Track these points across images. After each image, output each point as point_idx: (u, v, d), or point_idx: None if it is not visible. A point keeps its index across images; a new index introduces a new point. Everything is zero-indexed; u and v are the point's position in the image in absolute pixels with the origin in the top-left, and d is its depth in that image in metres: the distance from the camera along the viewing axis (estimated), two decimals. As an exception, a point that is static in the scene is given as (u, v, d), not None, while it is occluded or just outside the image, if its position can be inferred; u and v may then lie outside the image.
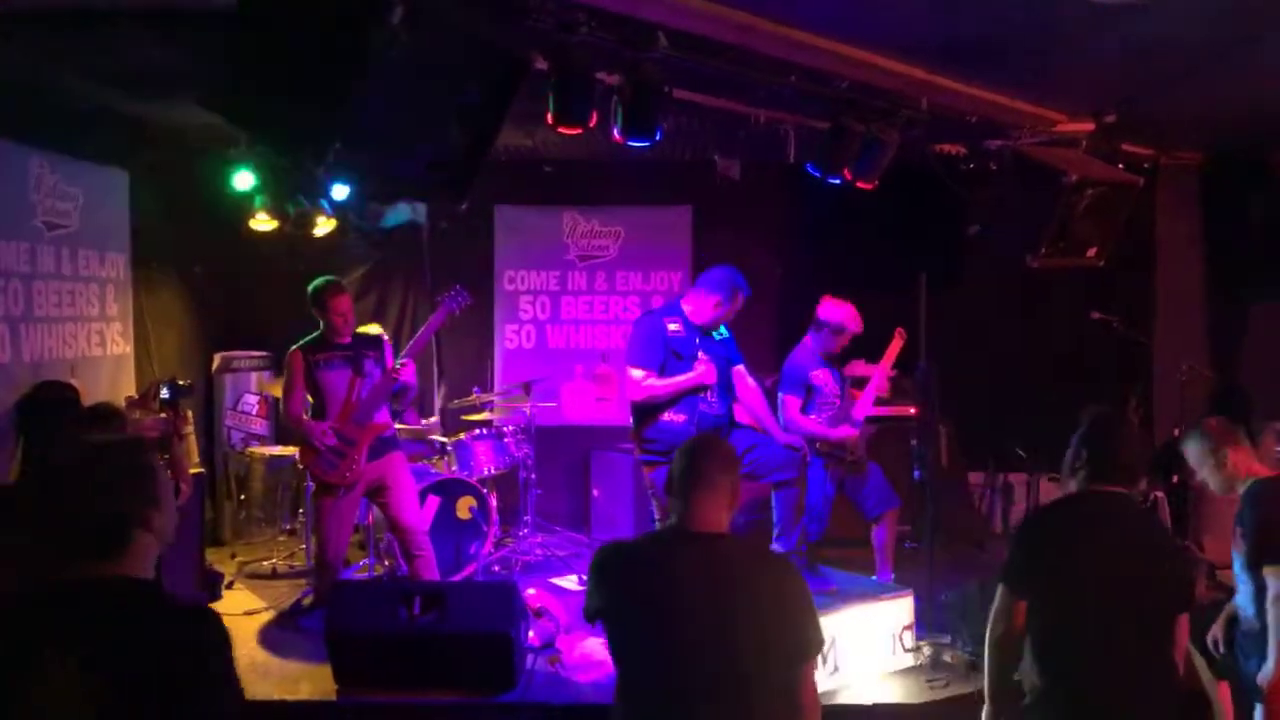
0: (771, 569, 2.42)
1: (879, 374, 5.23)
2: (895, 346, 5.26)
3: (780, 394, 5.19)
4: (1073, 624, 2.65)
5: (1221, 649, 3.64)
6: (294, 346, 4.86)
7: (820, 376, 5.17)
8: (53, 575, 1.85)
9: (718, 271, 4.68)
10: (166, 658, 1.78)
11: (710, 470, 2.38)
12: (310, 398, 4.88)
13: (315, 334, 4.88)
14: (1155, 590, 2.68)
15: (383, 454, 4.89)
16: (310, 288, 4.88)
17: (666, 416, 4.49)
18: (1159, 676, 2.68)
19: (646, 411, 4.53)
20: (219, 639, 1.85)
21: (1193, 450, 3.57)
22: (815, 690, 2.35)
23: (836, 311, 5.13)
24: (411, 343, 5.12)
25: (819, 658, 2.37)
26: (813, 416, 5.12)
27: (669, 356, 4.53)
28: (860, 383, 5.31)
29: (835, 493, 5.14)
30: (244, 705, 1.91)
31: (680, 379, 4.48)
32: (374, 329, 6.40)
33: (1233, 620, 3.64)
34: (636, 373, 4.51)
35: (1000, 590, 2.76)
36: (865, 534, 5.27)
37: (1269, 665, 3.26)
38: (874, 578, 5.00)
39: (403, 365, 4.86)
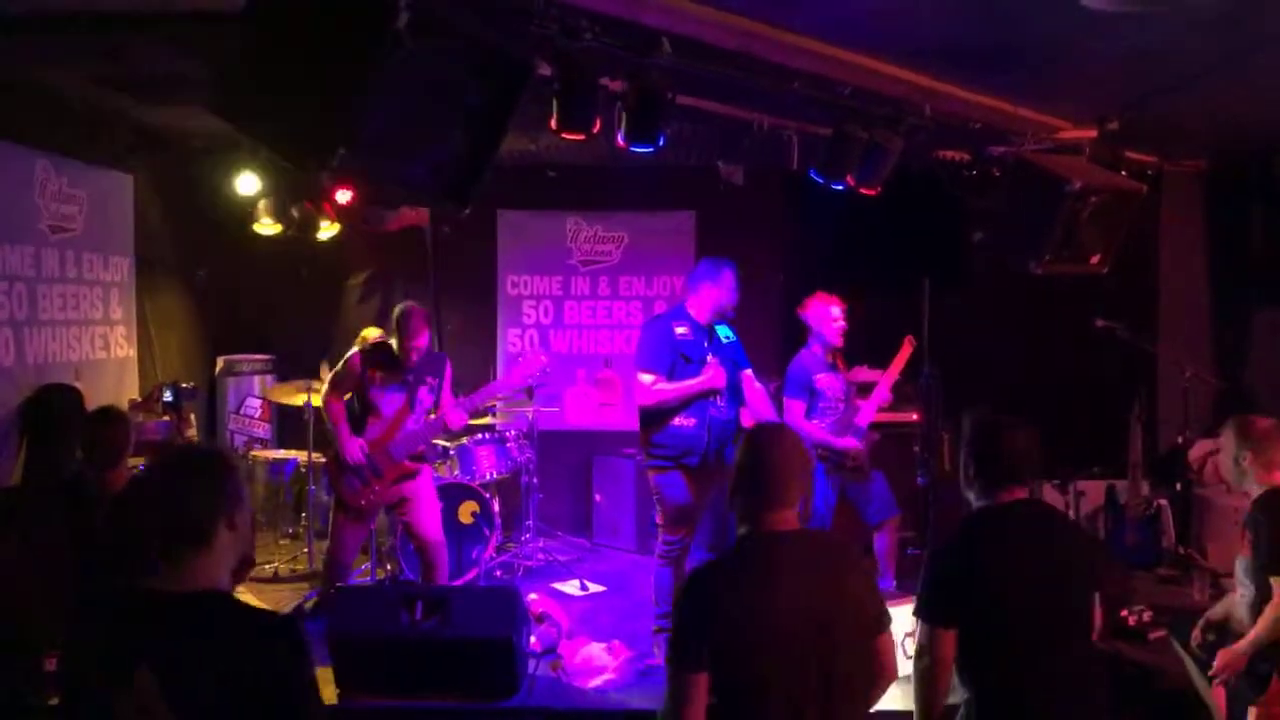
0: (849, 556, 2.47)
1: (885, 382, 5.23)
2: (904, 354, 5.25)
3: (784, 398, 5.19)
4: (995, 643, 2.60)
5: (1201, 653, 3.65)
6: (356, 349, 4.88)
7: (824, 380, 5.17)
8: (136, 579, 1.90)
9: (701, 264, 4.75)
10: (248, 670, 1.81)
11: (787, 469, 2.37)
12: (357, 404, 4.87)
13: (385, 346, 4.89)
14: (1070, 595, 2.65)
15: (408, 479, 4.92)
16: (397, 311, 4.88)
17: (677, 421, 4.49)
18: (1087, 685, 2.66)
19: (656, 416, 4.52)
20: (299, 650, 1.89)
21: (1224, 440, 3.56)
22: (893, 653, 2.45)
23: (814, 305, 5.16)
24: (475, 393, 5.14)
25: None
26: (816, 421, 5.12)
27: (677, 360, 4.52)
28: (866, 389, 5.31)
29: (837, 499, 5.14)
30: (325, 713, 1.94)
31: (690, 383, 4.47)
32: (374, 332, 6.41)
33: (1217, 625, 3.65)
34: (646, 377, 4.50)
35: (920, 626, 2.66)
36: (868, 540, 5.27)
37: (1233, 650, 3.31)
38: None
39: (453, 411, 4.88)
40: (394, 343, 4.86)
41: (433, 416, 4.92)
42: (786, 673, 2.23)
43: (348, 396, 4.90)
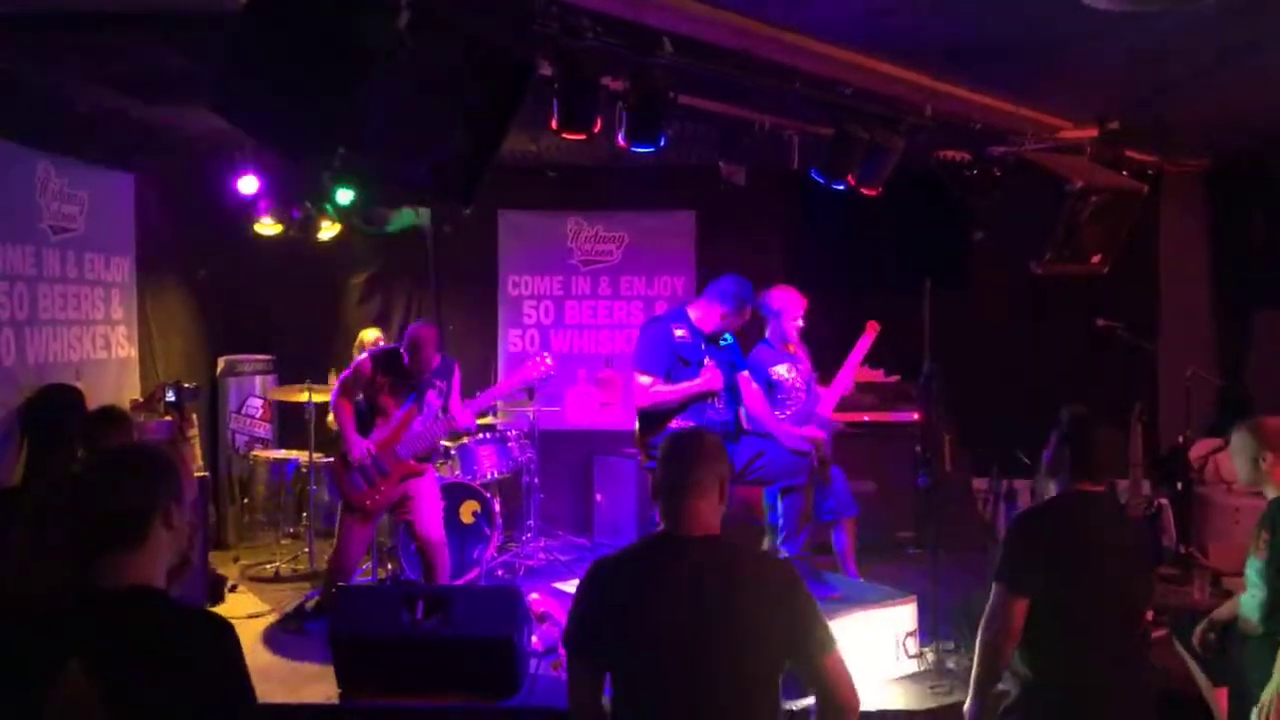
0: (762, 570, 2.36)
1: (846, 367, 5.16)
2: (867, 339, 5.17)
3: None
4: (1064, 621, 2.72)
5: (1203, 652, 3.66)
6: (372, 351, 4.94)
7: (780, 372, 5.14)
8: (71, 575, 1.87)
9: (727, 282, 4.68)
10: (180, 667, 1.79)
11: (695, 471, 2.31)
12: (364, 403, 4.91)
13: (393, 349, 4.94)
14: (1133, 585, 2.81)
15: (412, 478, 4.94)
16: (412, 333, 4.88)
17: (674, 423, 4.49)
18: (1140, 668, 2.81)
19: (653, 418, 4.52)
20: (232, 646, 1.87)
21: (1239, 440, 3.55)
22: (849, 681, 2.28)
23: (778, 296, 5.11)
24: (482, 394, 5.16)
25: (839, 649, 2.31)
26: (777, 413, 5.07)
27: (675, 363, 4.52)
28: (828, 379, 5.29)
29: (802, 508, 5.09)
30: (258, 711, 1.92)
31: (687, 385, 4.47)
32: (372, 334, 6.41)
33: (1221, 626, 3.65)
34: (644, 379, 4.51)
35: (996, 589, 2.77)
36: (869, 541, 5.26)
37: (1274, 682, 3.25)
38: (879, 584, 4.99)
39: (462, 411, 4.92)
40: (406, 356, 4.87)
41: (440, 417, 4.93)
42: (657, 676, 2.19)
43: (358, 398, 4.94)
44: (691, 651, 2.17)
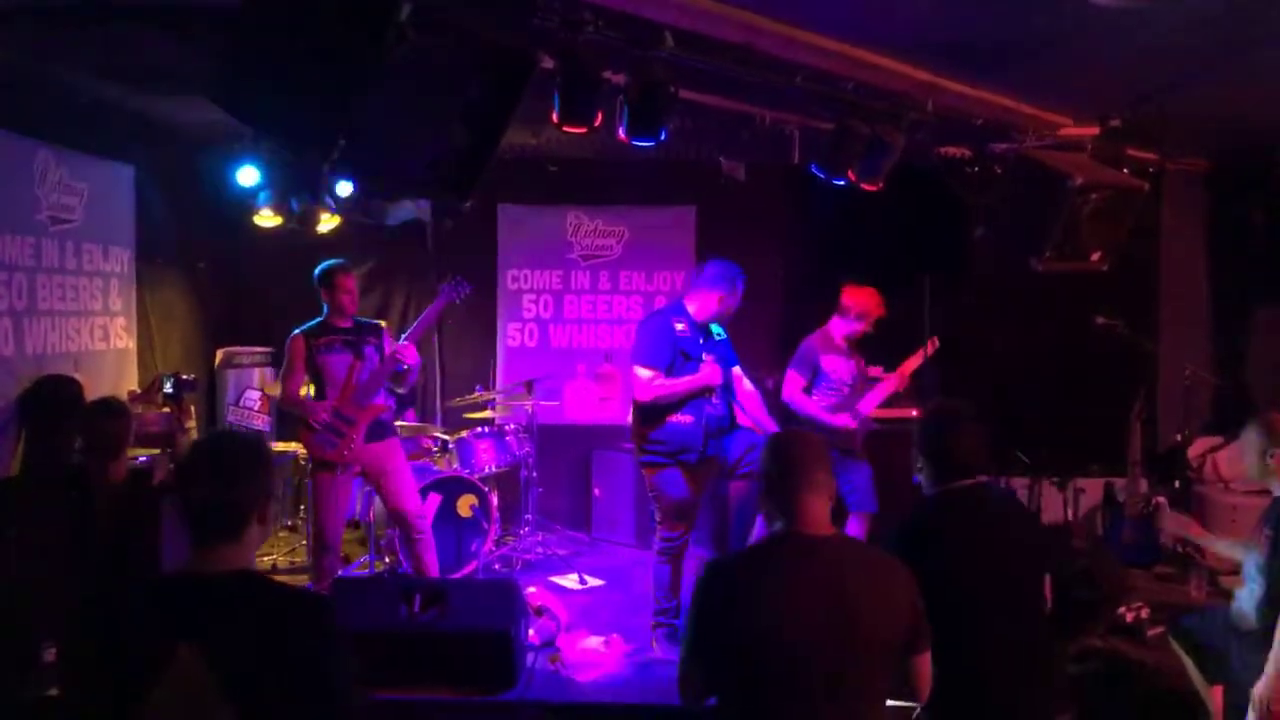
0: (887, 566, 2.39)
1: (899, 374, 5.21)
2: (927, 349, 5.21)
3: (788, 369, 5.19)
4: (953, 634, 2.61)
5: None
6: (296, 331, 4.91)
7: (830, 362, 5.16)
8: (186, 566, 1.98)
9: (714, 266, 4.68)
10: (286, 643, 1.89)
11: (815, 472, 2.35)
12: (311, 381, 4.94)
13: (317, 320, 4.94)
14: (1021, 565, 2.76)
15: (381, 438, 4.94)
16: (319, 268, 4.94)
17: (675, 418, 4.48)
18: (1043, 649, 2.77)
19: (653, 412, 4.51)
20: (333, 624, 1.97)
21: (1250, 435, 3.54)
22: (929, 676, 2.41)
23: (857, 296, 5.15)
24: (413, 326, 5.15)
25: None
26: (816, 399, 5.10)
27: (677, 357, 4.52)
28: (874, 381, 5.30)
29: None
30: (358, 689, 1.99)
31: (689, 379, 4.47)
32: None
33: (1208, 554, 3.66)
34: (645, 373, 4.49)
35: None
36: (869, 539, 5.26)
37: (1265, 678, 3.25)
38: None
39: (403, 347, 4.89)
40: (325, 304, 4.91)
41: (383, 362, 4.93)
42: (791, 674, 2.22)
43: (304, 387, 4.96)
44: (833, 650, 2.21)
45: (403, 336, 5.02)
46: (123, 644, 1.87)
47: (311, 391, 4.98)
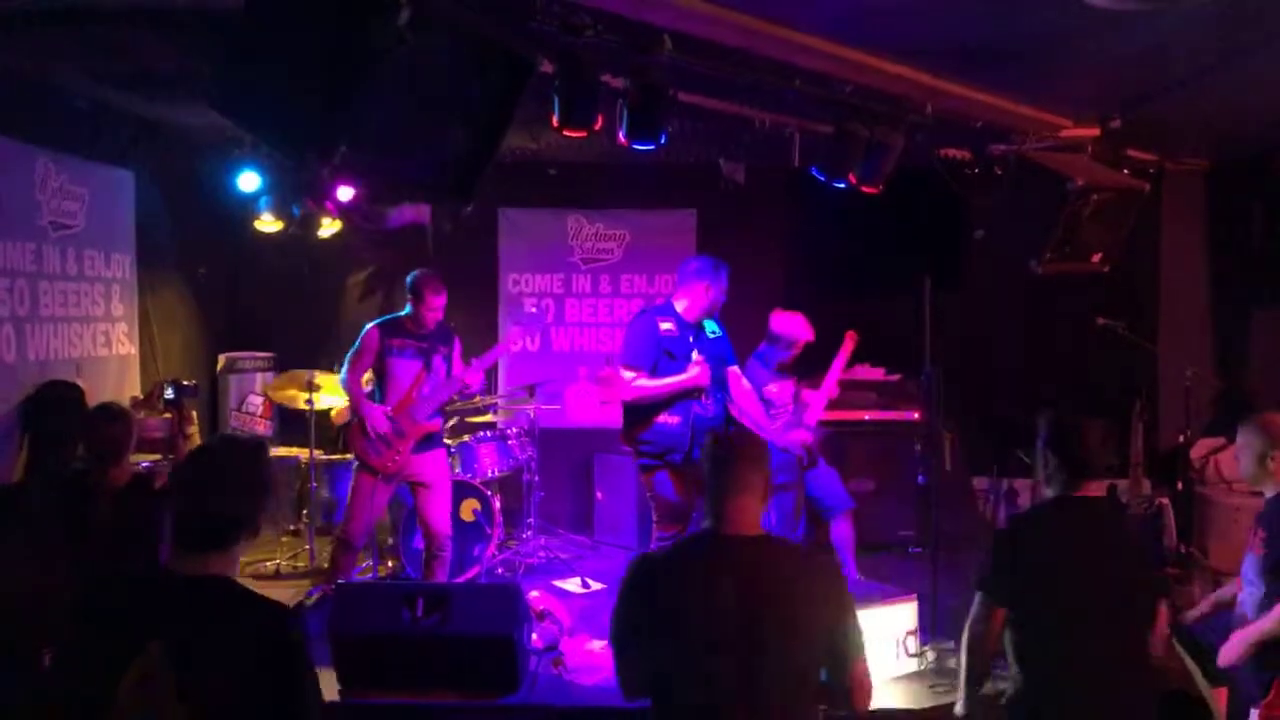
0: (809, 567, 2.38)
1: (830, 377, 5.21)
2: (846, 349, 5.21)
3: None
4: (1049, 632, 2.71)
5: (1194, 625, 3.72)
6: (372, 323, 4.94)
7: (772, 390, 5.17)
8: (167, 566, 2.01)
9: (695, 263, 4.71)
10: (252, 651, 1.89)
11: (741, 470, 2.35)
12: (373, 376, 4.95)
13: (397, 315, 4.97)
14: (1130, 596, 2.76)
15: (428, 449, 4.97)
16: (413, 276, 4.94)
17: (661, 418, 4.49)
18: (1134, 681, 2.75)
19: (640, 413, 4.52)
20: (301, 637, 1.98)
21: (1246, 437, 3.54)
22: (870, 690, 2.37)
23: (788, 324, 5.15)
24: (488, 351, 5.18)
25: (865, 656, 2.37)
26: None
27: (661, 356, 4.52)
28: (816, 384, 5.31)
29: (794, 506, 5.12)
30: (321, 701, 2.01)
31: (673, 380, 4.46)
32: None
33: (1222, 605, 3.68)
34: (628, 373, 4.51)
35: (978, 597, 2.80)
36: (869, 539, 5.26)
37: (1237, 638, 3.30)
38: (879, 583, 4.99)
39: (472, 371, 4.93)
40: (409, 309, 4.93)
41: (447, 380, 4.97)
42: (706, 675, 2.22)
43: (366, 377, 4.96)
44: (741, 651, 2.19)
45: (474, 358, 5.03)
46: (98, 637, 1.89)
47: (372, 383, 4.98)
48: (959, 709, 2.91)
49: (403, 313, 4.97)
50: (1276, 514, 3.36)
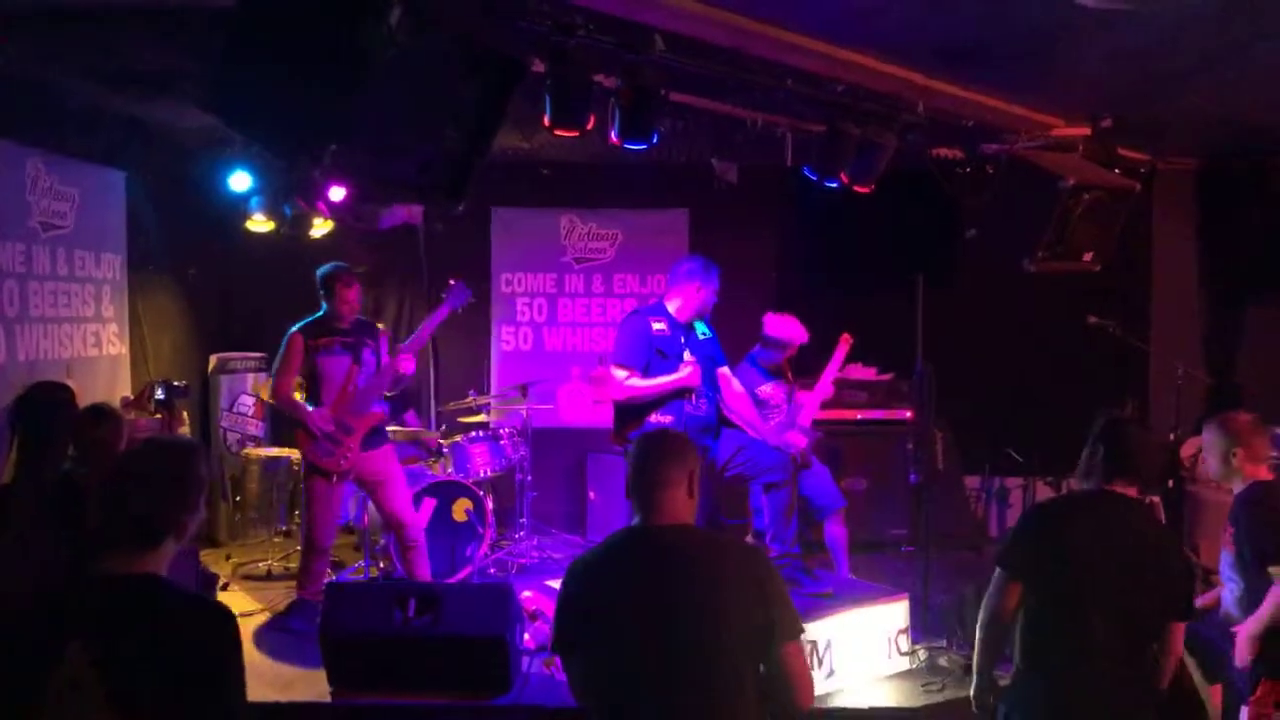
0: (728, 554, 2.36)
1: (825, 378, 5.22)
2: (841, 351, 5.23)
3: None
4: (1057, 613, 2.72)
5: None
6: (294, 327, 4.88)
7: (765, 390, 5.18)
8: (92, 565, 1.97)
9: (686, 264, 4.70)
10: (176, 649, 1.86)
11: (660, 469, 2.35)
12: (304, 381, 4.91)
13: (316, 316, 4.91)
14: (1149, 594, 2.73)
15: (375, 445, 4.93)
16: (321, 271, 4.91)
17: (653, 418, 4.48)
18: (1138, 680, 2.74)
19: (631, 412, 4.52)
20: (229, 634, 1.94)
21: (1210, 436, 3.59)
22: (807, 676, 2.32)
23: (781, 327, 5.15)
24: (412, 336, 5.11)
25: (801, 641, 2.32)
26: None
27: (653, 356, 4.52)
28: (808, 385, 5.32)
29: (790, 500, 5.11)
30: (245, 703, 1.97)
31: (664, 380, 4.46)
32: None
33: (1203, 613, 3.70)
34: (620, 372, 4.51)
35: (997, 571, 2.83)
36: (861, 538, 5.27)
37: (1245, 631, 3.31)
38: (871, 582, 5.00)
39: (400, 357, 4.87)
40: (324, 307, 4.88)
41: (379, 370, 4.90)
42: (634, 668, 2.22)
43: (296, 382, 4.92)
44: (663, 639, 2.20)
45: (400, 346, 5.00)
46: (16, 639, 1.86)
47: (302, 395, 4.95)
48: (973, 692, 2.91)
49: (319, 313, 4.90)
50: (1243, 510, 3.39)
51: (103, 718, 1.78)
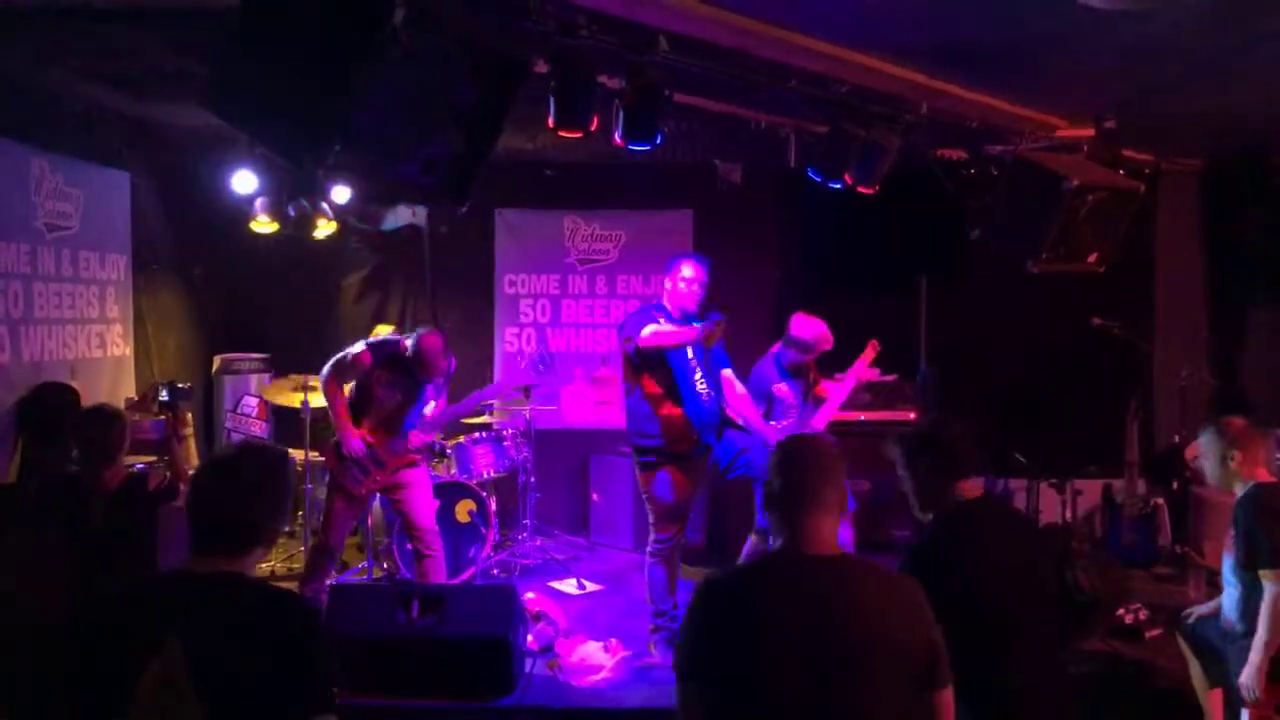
0: (895, 595, 2.14)
1: (846, 382, 5.16)
2: (867, 356, 5.17)
3: None
4: (970, 629, 2.55)
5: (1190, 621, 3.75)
6: (372, 341, 4.85)
7: (782, 389, 5.16)
8: (184, 565, 2.02)
9: (672, 262, 4.70)
10: (268, 643, 1.90)
11: (818, 488, 2.15)
12: (356, 392, 4.85)
13: (398, 346, 4.82)
14: (1034, 574, 2.75)
15: (408, 465, 4.91)
16: (414, 341, 4.76)
17: (665, 410, 4.49)
18: (1059, 665, 2.75)
19: (643, 409, 4.52)
20: (316, 627, 2.01)
21: (1206, 441, 3.58)
22: (952, 712, 2.17)
23: (808, 329, 5.10)
24: (435, 415, 5.01)
25: (951, 687, 2.16)
26: (774, 424, 5.08)
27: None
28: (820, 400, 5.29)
29: None
30: (335, 695, 2.01)
31: (681, 330, 4.44)
32: (387, 329, 6.38)
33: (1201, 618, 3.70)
34: (648, 330, 4.46)
35: None
36: (864, 539, 5.26)
37: (1249, 665, 3.28)
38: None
39: (419, 437, 4.85)
40: (415, 366, 4.79)
41: (428, 413, 4.90)
42: (782, 708, 2.01)
43: (348, 387, 4.87)
44: (820, 682, 2.00)
45: (426, 421, 4.93)
46: (111, 637, 1.89)
47: (354, 398, 4.87)
48: None
49: (408, 353, 4.78)
50: (1243, 512, 3.38)
51: (193, 714, 1.81)
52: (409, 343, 4.79)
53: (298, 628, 1.96)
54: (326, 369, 4.81)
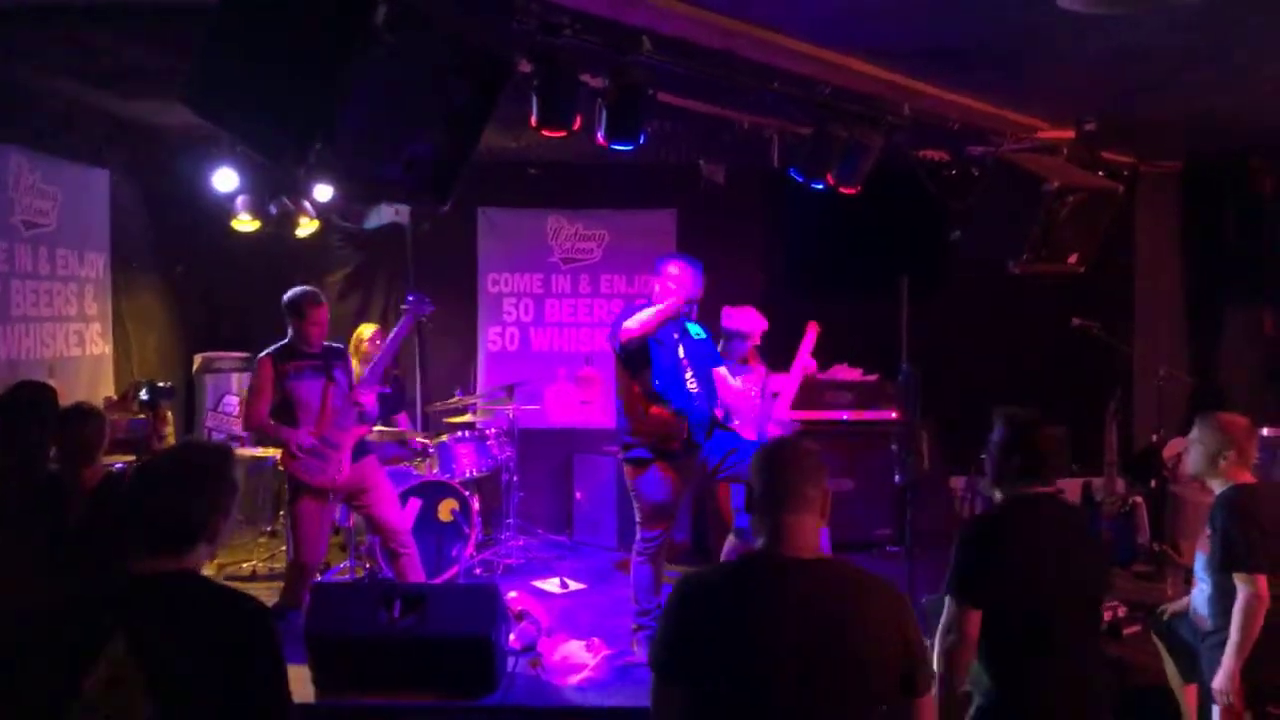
0: (875, 599, 2.13)
1: (795, 370, 5.23)
2: (809, 340, 5.22)
3: None
4: (1022, 628, 2.69)
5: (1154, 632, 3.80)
6: (263, 354, 4.75)
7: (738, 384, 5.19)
8: (128, 565, 2.01)
9: (659, 262, 4.70)
10: (217, 643, 1.90)
11: (799, 488, 2.14)
12: (277, 407, 4.75)
13: (283, 342, 4.76)
14: (1089, 583, 2.81)
15: (359, 457, 4.85)
16: (289, 297, 4.75)
17: (655, 410, 4.49)
18: (1098, 667, 2.79)
19: (637, 410, 4.52)
20: (266, 627, 1.98)
21: (1203, 433, 3.55)
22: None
23: (738, 318, 5.17)
24: (371, 366, 4.98)
25: (934, 693, 2.20)
26: (736, 423, 5.10)
27: (651, 342, 4.53)
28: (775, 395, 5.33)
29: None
30: (287, 696, 1.99)
31: (660, 307, 4.43)
32: (370, 329, 6.35)
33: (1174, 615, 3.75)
34: (630, 324, 4.45)
35: (949, 602, 2.72)
36: (846, 539, 5.28)
37: (1223, 670, 3.31)
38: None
39: (360, 392, 4.78)
40: (292, 331, 4.74)
41: (349, 396, 4.82)
42: (758, 709, 2.02)
43: (272, 405, 4.76)
44: (798, 684, 2.01)
45: (361, 378, 4.90)
46: (57, 638, 1.88)
47: (279, 413, 4.78)
48: None
49: (286, 339, 4.74)
50: (1221, 513, 3.41)
51: (142, 713, 1.81)
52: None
53: (247, 627, 1.95)
54: (243, 413, 4.85)
